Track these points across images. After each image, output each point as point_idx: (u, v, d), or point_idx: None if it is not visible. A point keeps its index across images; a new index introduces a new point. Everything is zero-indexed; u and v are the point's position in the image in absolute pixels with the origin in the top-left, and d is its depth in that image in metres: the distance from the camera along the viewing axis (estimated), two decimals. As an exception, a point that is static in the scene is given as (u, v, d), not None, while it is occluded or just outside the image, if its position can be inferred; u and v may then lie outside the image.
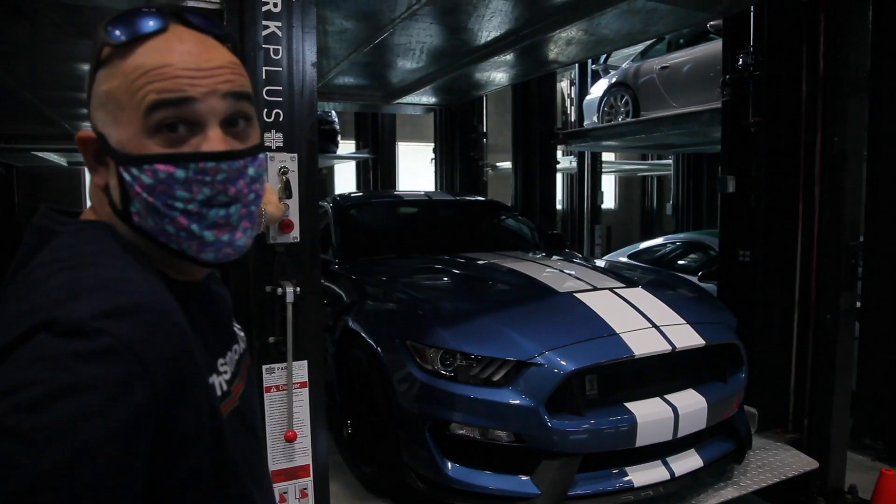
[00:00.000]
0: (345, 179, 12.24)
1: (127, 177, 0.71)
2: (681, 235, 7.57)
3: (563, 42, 4.83)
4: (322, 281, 2.32)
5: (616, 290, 3.09)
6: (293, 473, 2.04)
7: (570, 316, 2.83)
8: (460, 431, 2.58)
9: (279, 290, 1.91)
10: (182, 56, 0.70)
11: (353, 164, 10.44)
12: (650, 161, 14.99)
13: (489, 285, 3.37)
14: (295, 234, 1.93)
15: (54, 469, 0.53)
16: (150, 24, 0.70)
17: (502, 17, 4.16)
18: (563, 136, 8.19)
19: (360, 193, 5.47)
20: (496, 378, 2.55)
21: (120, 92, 0.70)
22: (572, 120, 9.13)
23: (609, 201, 17.01)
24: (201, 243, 0.74)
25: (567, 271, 3.53)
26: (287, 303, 1.90)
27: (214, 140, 0.71)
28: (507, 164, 8.54)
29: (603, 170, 11.77)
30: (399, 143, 9.40)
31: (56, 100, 4.71)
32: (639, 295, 3.07)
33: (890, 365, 4.02)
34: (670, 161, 12.15)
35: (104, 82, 0.72)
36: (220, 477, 0.72)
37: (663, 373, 2.81)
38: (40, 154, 8.58)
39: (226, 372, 0.79)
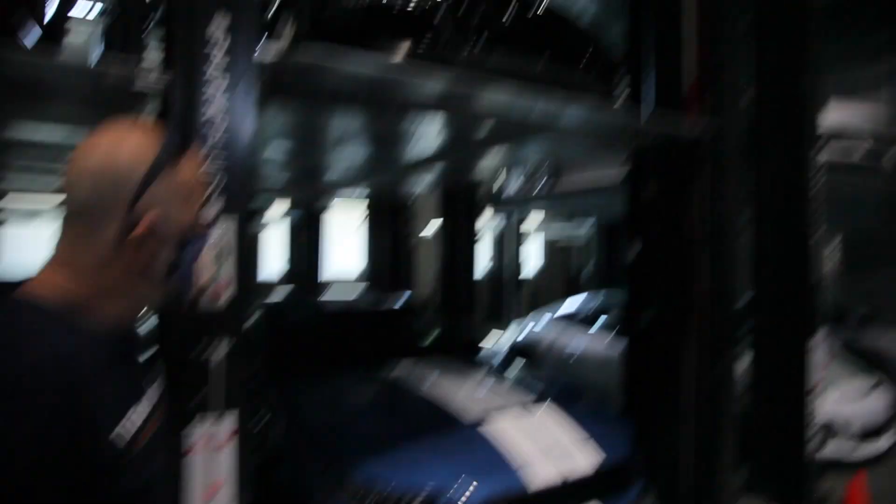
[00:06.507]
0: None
1: None
2: (601, 294, 7.93)
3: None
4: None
5: (518, 419, 3.47)
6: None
7: (475, 450, 3.22)
8: None
9: (214, 342, 2.06)
10: None
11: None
12: (572, 224, 15.53)
13: (407, 414, 3.68)
14: (230, 292, 2.12)
15: None
16: None
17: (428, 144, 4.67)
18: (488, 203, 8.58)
19: (286, 297, 5.73)
20: None
21: None
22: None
23: (533, 264, 17.46)
24: None
25: (473, 393, 3.84)
26: (219, 356, 2.06)
27: None
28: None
29: (527, 233, 12.23)
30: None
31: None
32: (539, 423, 3.47)
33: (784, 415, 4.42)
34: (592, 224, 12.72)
35: None
36: None
37: (560, 499, 3.15)
38: None
39: None
